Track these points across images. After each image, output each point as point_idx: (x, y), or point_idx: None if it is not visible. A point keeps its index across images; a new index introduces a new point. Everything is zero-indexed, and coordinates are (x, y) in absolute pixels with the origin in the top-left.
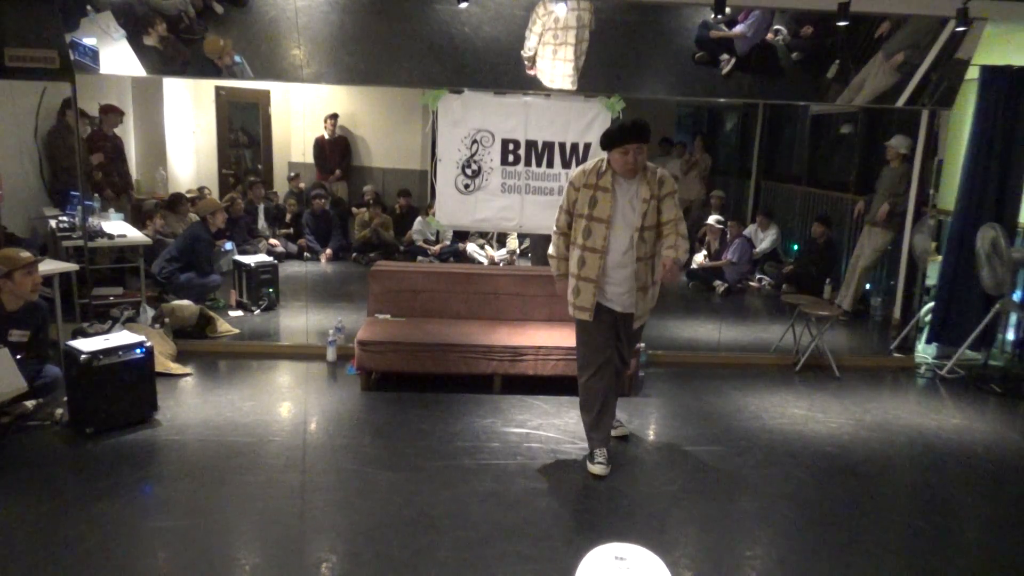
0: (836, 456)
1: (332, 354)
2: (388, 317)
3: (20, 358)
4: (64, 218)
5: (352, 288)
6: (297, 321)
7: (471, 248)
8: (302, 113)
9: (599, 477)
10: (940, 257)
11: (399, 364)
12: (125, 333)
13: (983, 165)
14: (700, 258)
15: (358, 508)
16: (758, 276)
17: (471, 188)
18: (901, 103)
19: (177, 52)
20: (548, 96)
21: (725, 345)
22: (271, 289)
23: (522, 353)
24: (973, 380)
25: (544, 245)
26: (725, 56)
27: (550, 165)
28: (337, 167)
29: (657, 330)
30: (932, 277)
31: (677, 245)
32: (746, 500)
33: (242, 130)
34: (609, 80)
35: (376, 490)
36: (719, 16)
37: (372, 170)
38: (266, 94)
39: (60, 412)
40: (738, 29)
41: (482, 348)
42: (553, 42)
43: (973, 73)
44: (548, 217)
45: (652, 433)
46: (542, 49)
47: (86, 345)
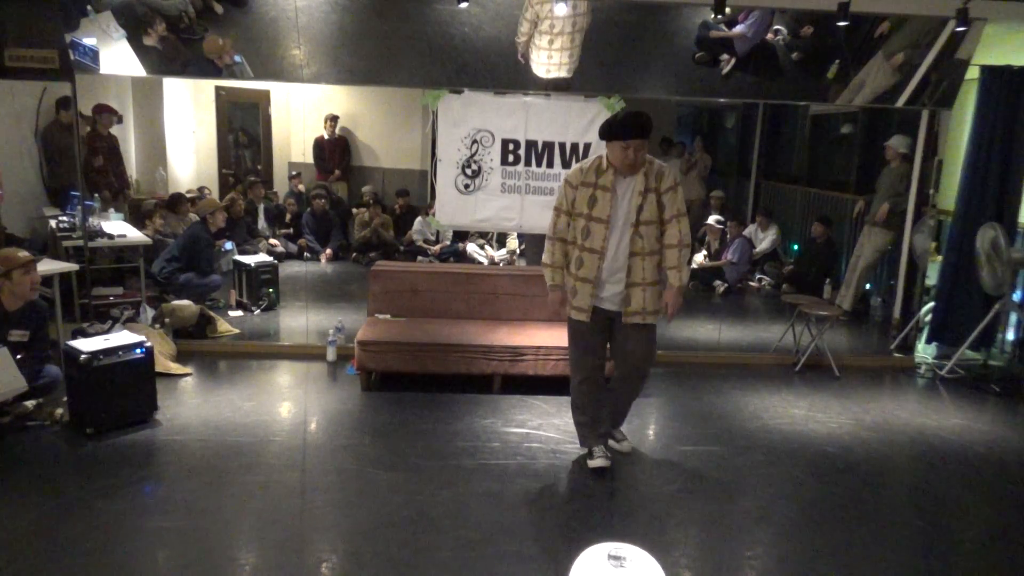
0: (836, 456)
1: (332, 354)
2: (388, 317)
3: (20, 358)
4: (64, 218)
5: (352, 288)
6: (297, 321)
7: (471, 248)
8: (302, 113)
9: (602, 470)
10: (940, 257)
11: (399, 364)
12: (125, 333)
13: (983, 165)
14: (700, 258)
15: (358, 508)
16: (758, 276)
17: (471, 188)
18: (901, 103)
19: (177, 52)
20: (548, 96)
21: (725, 345)
22: (271, 289)
23: (522, 353)
24: (973, 380)
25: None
26: (725, 56)
27: (550, 165)
28: (337, 167)
29: (657, 330)
30: (932, 277)
31: (680, 266)
32: (746, 500)
33: (242, 130)
34: (609, 80)
35: (376, 490)
36: (719, 16)
37: (372, 170)
38: (266, 94)
39: (60, 412)
40: (738, 29)
41: (482, 348)
42: (550, 32)
43: (973, 73)
44: (548, 217)
45: (652, 433)
46: (538, 38)
47: (86, 345)
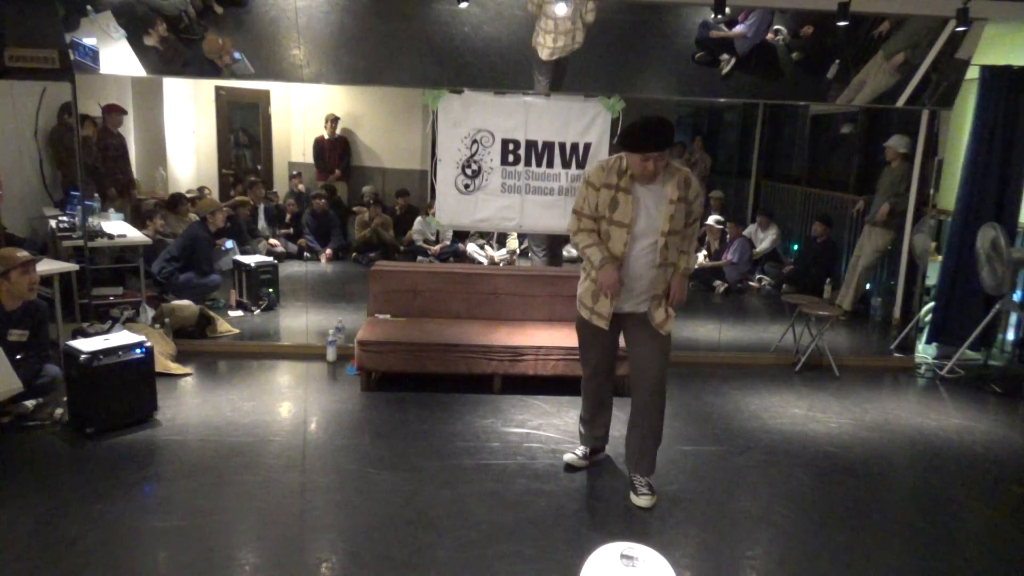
0: (836, 456)
1: (332, 354)
2: (388, 317)
3: (20, 358)
4: (64, 218)
5: (352, 288)
6: (297, 321)
7: (471, 248)
8: (302, 113)
9: (571, 467)
10: (940, 257)
11: (399, 364)
12: (125, 333)
13: (983, 165)
14: (700, 258)
15: (358, 508)
16: (758, 276)
17: (471, 188)
18: (901, 103)
19: (177, 52)
20: (548, 96)
21: (725, 345)
22: (271, 289)
23: (522, 353)
24: (973, 380)
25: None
26: (725, 56)
27: (550, 165)
28: (337, 167)
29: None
30: (932, 277)
31: (690, 252)
32: (746, 500)
33: (242, 130)
34: (609, 80)
35: (376, 490)
36: (719, 16)
37: (372, 170)
38: (266, 94)
39: (60, 412)
40: (738, 29)
41: (482, 348)
42: (555, 31)
43: (973, 73)
44: (548, 217)
45: None
46: (542, 35)
47: (86, 345)
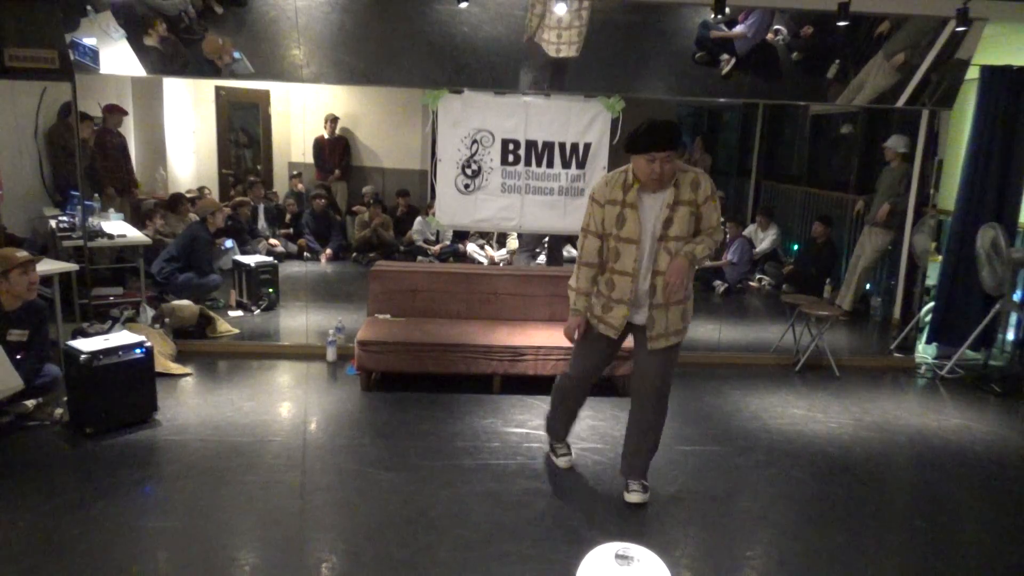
0: (836, 456)
1: (332, 354)
2: (388, 317)
3: (20, 357)
4: (64, 218)
5: (352, 288)
6: (297, 321)
7: (471, 248)
8: (302, 113)
9: (560, 468)
10: (940, 257)
11: (399, 364)
12: (125, 333)
13: (983, 165)
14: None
15: (358, 508)
16: (758, 276)
17: (471, 188)
18: (901, 103)
19: (177, 52)
20: (548, 96)
21: (725, 345)
22: (271, 289)
23: (522, 353)
24: (973, 380)
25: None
26: (725, 56)
27: (550, 165)
28: (337, 167)
29: None
30: (932, 277)
31: (700, 242)
32: (746, 500)
33: (242, 130)
34: (609, 80)
35: (376, 490)
36: (719, 16)
37: (372, 170)
38: (266, 94)
39: (60, 412)
40: (738, 29)
41: (482, 348)
42: (558, 27)
43: (973, 73)
44: (548, 217)
45: None
46: (546, 32)
47: (86, 345)
